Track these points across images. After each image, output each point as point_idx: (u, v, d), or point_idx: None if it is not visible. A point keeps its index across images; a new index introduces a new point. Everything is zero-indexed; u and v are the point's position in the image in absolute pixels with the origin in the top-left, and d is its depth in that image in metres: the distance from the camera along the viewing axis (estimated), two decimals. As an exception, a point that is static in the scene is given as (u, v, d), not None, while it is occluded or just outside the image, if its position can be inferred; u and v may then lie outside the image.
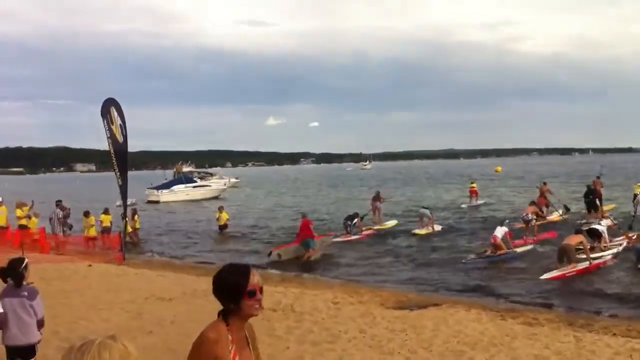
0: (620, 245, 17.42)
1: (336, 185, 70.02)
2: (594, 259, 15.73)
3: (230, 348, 2.75)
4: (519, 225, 21.71)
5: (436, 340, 8.73)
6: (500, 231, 17.64)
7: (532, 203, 22.87)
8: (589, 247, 15.81)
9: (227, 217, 26.53)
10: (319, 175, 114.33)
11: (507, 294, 13.38)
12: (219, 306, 2.80)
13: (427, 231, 23.39)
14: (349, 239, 22.51)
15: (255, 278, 2.80)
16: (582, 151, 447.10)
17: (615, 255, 16.31)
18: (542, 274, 14.71)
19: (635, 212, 21.80)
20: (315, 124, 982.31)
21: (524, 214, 21.46)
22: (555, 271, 14.82)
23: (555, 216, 25.18)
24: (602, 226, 17.94)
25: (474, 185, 35.88)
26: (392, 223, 26.34)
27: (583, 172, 66.53)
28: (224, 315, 2.79)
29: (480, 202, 34.89)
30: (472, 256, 17.69)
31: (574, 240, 15.48)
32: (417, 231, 23.50)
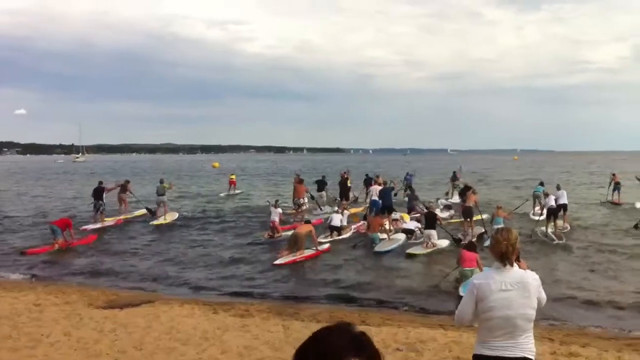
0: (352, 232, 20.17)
1: (39, 179, 63.92)
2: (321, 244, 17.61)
3: None
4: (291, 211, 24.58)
5: (147, 338, 8.42)
6: (275, 213, 19.54)
7: (300, 181, 26.33)
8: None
9: None
10: (21, 168, 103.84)
11: (220, 286, 13.58)
12: None
13: (164, 221, 23.65)
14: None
15: None
16: (296, 150, 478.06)
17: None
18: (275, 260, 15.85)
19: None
20: (22, 111, 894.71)
21: (296, 198, 24.71)
22: (285, 257, 16.00)
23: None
24: (343, 216, 20.55)
25: (233, 176, 40.98)
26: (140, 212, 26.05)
27: (291, 169, 71.22)
28: None
29: (237, 190, 39.14)
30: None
31: (304, 229, 16.91)
32: (155, 222, 23.62)
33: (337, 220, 19.84)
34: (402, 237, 18.77)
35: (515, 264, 4.10)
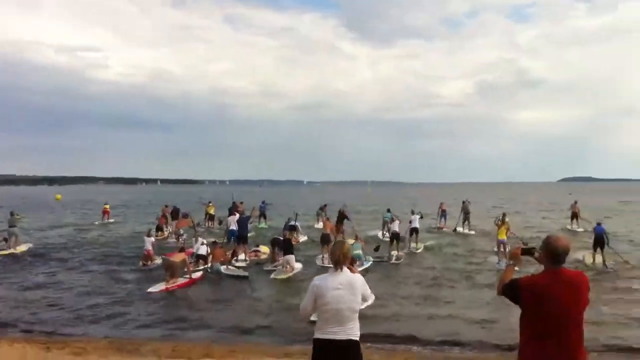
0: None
1: None
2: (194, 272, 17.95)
3: None
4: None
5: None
6: (148, 242, 20.46)
7: (185, 216, 27.76)
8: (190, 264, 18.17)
9: None
10: None
11: (63, 322, 12.84)
12: None
13: (15, 251, 23.81)
14: None
15: None
16: (149, 181, 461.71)
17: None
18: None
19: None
20: None
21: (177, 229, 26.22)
22: (161, 284, 16.45)
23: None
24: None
25: (107, 205, 42.01)
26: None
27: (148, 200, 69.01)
28: None
29: (111, 220, 40.68)
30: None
31: (178, 257, 17.29)
32: (3, 252, 23.40)
33: (203, 250, 20.03)
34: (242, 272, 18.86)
35: (346, 269, 5.17)
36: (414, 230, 24.46)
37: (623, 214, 45.95)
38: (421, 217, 26.05)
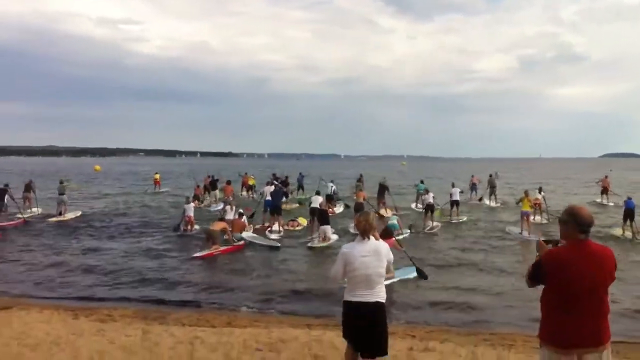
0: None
1: None
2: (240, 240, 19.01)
3: None
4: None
5: (-7, 345, 7.83)
6: (189, 209, 21.66)
7: (229, 183, 29.44)
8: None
9: None
10: None
11: (93, 291, 13.12)
12: None
13: (64, 218, 25.29)
14: None
15: None
16: (188, 154, 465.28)
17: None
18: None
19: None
20: None
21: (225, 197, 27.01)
22: (204, 251, 17.28)
23: None
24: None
25: (157, 175, 44.99)
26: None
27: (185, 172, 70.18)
28: None
29: (163, 189, 43.05)
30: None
31: (219, 225, 17.99)
32: (54, 219, 25.03)
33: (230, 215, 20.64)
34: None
35: (372, 237, 5.67)
36: (454, 203, 25.42)
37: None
38: (461, 192, 26.92)
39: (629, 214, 20.53)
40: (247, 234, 20.17)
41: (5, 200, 25.25)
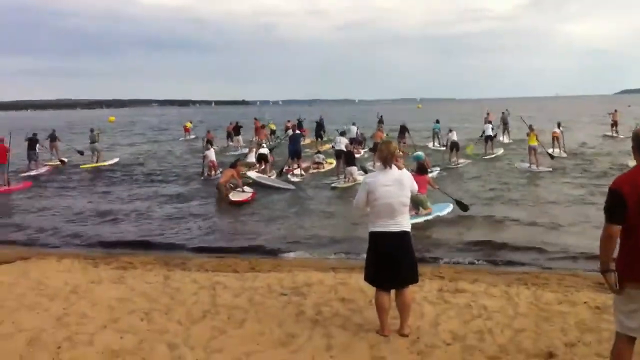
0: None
1: None
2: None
3: None
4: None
5: (10, 295, 7.59)
6: (211, 154, 22.39)
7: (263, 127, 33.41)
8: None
9: None
10: None
11: (121, 238, 13.12)
12: None
13: (97, 164, 26.42)
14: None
15: None
16: (202, 103, 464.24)
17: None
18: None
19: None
20: None
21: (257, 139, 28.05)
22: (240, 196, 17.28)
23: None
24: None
25: (189, 123, 47.06)
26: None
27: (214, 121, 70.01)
28: None
29: (192, 136, 44.18)
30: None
31: (225, 175, 17.75)
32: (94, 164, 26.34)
33: (264, 150, 22.43)
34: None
35: (394, 167, 5.62)
36: (488, 138, 26.34)
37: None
38: (493, 129, 28.12)
39: None
40: (255, 174, 20.49)
41: (37, 149, 25.72)
